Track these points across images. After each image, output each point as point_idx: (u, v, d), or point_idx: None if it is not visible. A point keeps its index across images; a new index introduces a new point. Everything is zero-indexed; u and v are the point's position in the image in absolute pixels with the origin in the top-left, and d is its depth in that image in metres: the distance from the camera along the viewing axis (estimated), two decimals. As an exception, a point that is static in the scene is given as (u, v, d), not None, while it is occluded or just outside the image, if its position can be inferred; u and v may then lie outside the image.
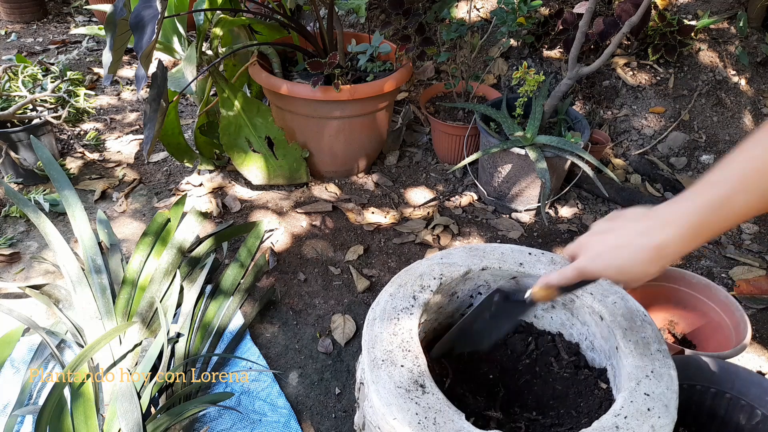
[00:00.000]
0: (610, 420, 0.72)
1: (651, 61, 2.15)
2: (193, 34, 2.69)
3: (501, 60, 2.31)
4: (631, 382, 0.77)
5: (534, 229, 1.81)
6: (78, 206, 1.55)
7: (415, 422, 0.71)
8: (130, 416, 1.09)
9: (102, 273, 1.46)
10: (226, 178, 1.99)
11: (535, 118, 1.73)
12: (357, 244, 1.72)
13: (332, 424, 1.24)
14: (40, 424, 1.01)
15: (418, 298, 0.90)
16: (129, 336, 1.32)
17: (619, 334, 0.84)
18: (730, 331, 1.22)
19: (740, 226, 1.80)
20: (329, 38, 1.87)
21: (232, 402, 1.25)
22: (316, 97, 1.72)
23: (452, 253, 0.99)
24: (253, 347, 1.39)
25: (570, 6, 2.25)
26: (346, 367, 1.36)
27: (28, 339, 1.37)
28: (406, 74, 1.84)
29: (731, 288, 1.59)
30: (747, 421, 1.00)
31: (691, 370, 1.03)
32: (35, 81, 2.00)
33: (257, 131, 1.83)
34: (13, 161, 1.84)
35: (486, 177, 1.86)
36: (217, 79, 1.77)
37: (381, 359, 0.79)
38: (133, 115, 2.40)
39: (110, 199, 1.90)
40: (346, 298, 1.55)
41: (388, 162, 2.09)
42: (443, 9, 2.15)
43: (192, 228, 1.58)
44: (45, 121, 1.87)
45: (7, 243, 1.67)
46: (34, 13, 3.32)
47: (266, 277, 1.60)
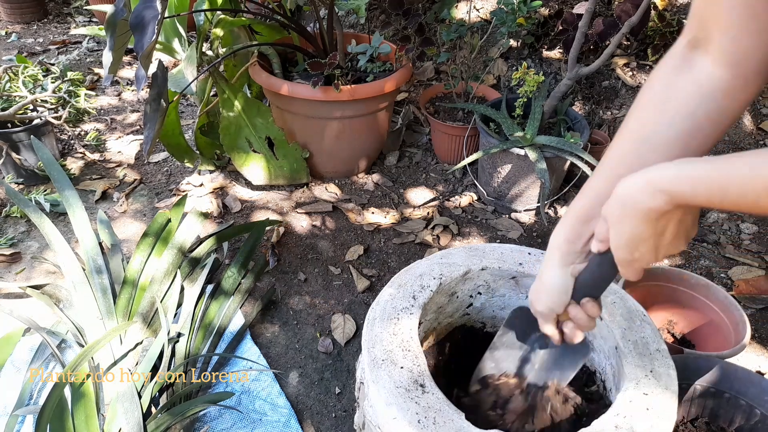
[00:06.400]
0: (610, 420, 0.73)
1: (651, 62, 2.15)
2: (193, 34, 2.69)
3: (501, 60, 2.31)
4: (630, 381, 0.78)
5: (534, 229, 1.81)
6: (79, 206, 1.56)
7: (414, 422, 0.71)
8: (131, 416, 1.09)
9: (103, 273, 1.46)
10: (227, 178, 1.99)
11: (535, 119, 1.73)
12: (357, 244, 1.72)
13: (332, 424, 1.25)
14: (41, 424, 1.01)
15: (418, 298, 0.90)
16: (130, 336, 1.32)
17: (618, 333, 0.85)
18: (729, 331, 1.23)
19: (740, 226, 1.80)
20: (329, 39, 1.88)
21: (232, 402, 1.26)
22: (316, 97, 1.72)
23: (452, 253, 0.99)
24: (253, 347, 1.39)
25: (570, 6, 2.25)
26: (346, 367, 1.37)
27: (29, 339, 1.37)
28: (406, 75, 1.85)
29: (730, 288, 1.59)
30: (746, 420, 1.00)
31: (691, 370, 1.03)
32: (36, 81, 2.00)
33: (257, 132, 1.83)
34: (13, 161, 1.85)
35: (486, 177, 1.86)
36: (217, 80, 1.77)
37: (381, 359, 0.80)
38: (134, 116, 2.40)
39: (111, 199, 1.90)
40: (346, 298, 1.55)
41: (388, 162, 2.10)
42: (443, 9, 2.15)
43: (193, 228, 1.58)
44: (46, 121, 1.87)
45: (8, 243, 1.67)
46: (34, 14, 3.33)
47: (266, 277, 1.60)
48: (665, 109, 0.59)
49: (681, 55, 0.59)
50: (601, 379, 0.91)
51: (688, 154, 0.58)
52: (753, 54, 0.53)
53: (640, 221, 0.53)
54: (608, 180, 0.61)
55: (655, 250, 0.56)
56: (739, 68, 0.54)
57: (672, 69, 0.59)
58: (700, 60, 0.57)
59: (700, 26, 0.57)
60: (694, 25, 0.58)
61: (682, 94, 0.58)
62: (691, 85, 0.57)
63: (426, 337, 0.98)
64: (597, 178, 0.65)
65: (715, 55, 0.56)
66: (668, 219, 0.53)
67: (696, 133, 0.58)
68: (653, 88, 0.61)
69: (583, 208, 0.65)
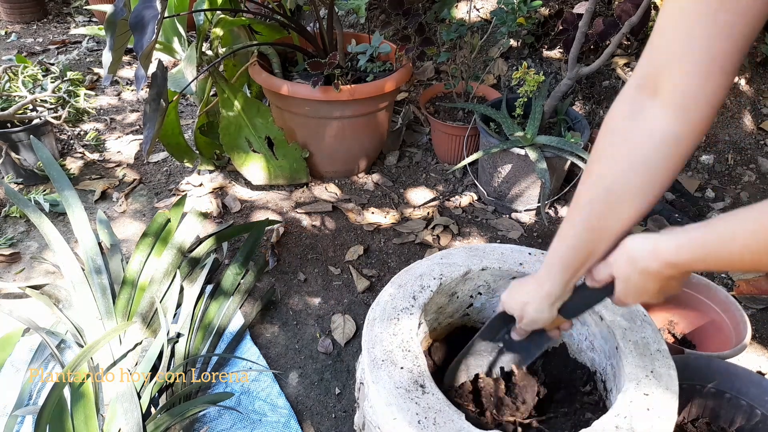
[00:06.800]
0: (611, 420, 0.72)
1: (651, 62, 2.14)
2: (193, 34, 2.69)
3: (501, 60, 2.31)
4: (631, 382, 0.77)
5: (534, 230, 1.81)
6: (78, 206, 1.55)
7: (414, 422, 0.71)
8: (131, 416, 1.09)
9: (102, 273, 1.46)
10: (227, 178, 1.99)
11: (535, 119, 1.73)
12: (357, 244, 1.72)
13: (332, 424, 1.24)
14: (40, 424, 1.01)
15: (418, 298, 0.90)
16: (129, 336, 1.32)
17: (619, 334, 0.85)
18: (729, 331, 1.22)
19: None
20: (329, 38, 1.88)
21: (232, 402, 1.26)
22: (316, 97, 1.72)
23: (452, 254, 0.99)
24: (253, 347, 1.39)
25: (570, 6, 2.25)
26: (346, 367, 1.36)
27: (28, 339, 1.37)
28: (405, 74, 1.84)
29: (731, 288, 1.59)
30: (746, 421, 1.00)
31: (691, 370, 1.03)
32: (35, 81, 2.00)
33: (257, 131, 1.83)
34: (13, 161, 1.85)
35: (486, 177, 1.86)
36: (217, 80, 1.77)
37: (381, 359, 0.79)
38: (134, 116, 2.40)
39: (110, 199, 1.90)
40: (346, 298, 1.55)
41: (388, 162, 2.09)
42: (443, 9, 2.15)
43: (192, 228, 1.58)
44: (45, 121, 1.87)
45: (8, 243, 1.67)
46: (34, 14, 3.32)
47: (266, 278, 1.60)
48: (621, 158, 0.61)
49: (632, 101, 0.60)
50: (601, 380, 0.91)
51: (650, 198, 0.61)
52: (702, 99, 0.54)
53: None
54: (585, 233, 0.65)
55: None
56: (688, 113, 0.56)
57: (625, 116, 0.61)
58: (650, 106, 0.58)
59: (651, 72, 0.57)
60: (644, 69, 0.58)
61: (635, 143, 0.59)
62: (643, 134, 0.59)
63: (426, 337, 0.97)
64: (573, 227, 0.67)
65: (664, 101, 0.57)
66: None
67: (654, 178, 0.60)
68: (608, 137, 0.62)
69: (566, 259, 0.69)
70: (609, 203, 0.62)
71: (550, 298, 0.73)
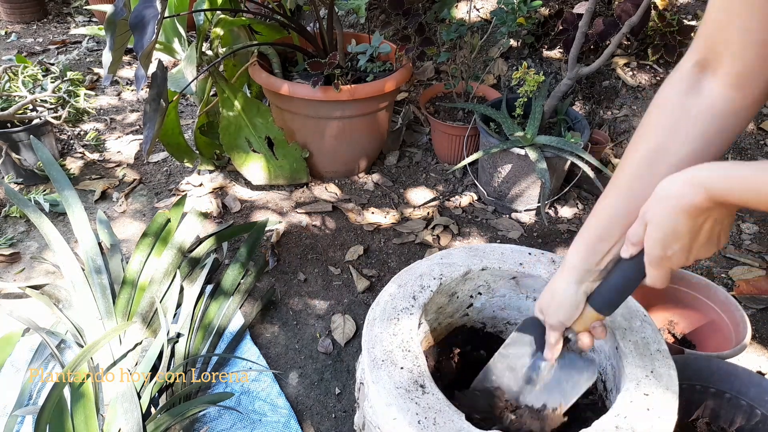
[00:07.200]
0: (611, 420, 0.72)
1: (651, 62, 2.15)
2: (193, 34, 2.69)
3: (501, 60, 2.31)
4: (630, 382, 0.77)
5: (534, 229, 1.81)
6: (78, 206, 1.55)
7: (415, 422, 0.71)
8: (131, 416, 1.09)
9: (102, 273, 1.46)
10: (227, 178, 1.99)
11: (535, 119, 1.73)
12: (357, 244, 1.72)
13: (332, 424, 1.24)
14: (40, 425, 1.01)
15: (418, 298, 0.90)
16: (129, 336, 1.32)
17: (619, 334, 0.85)
18: (729, 331, 1.22)
19: (740, 226, 1.80)
20: (329, 38, 1.88)
21: (232, 402, 1.26)
22: (316, 97, 1.72)
23: (452, 253, 0.99)
24: (253, 347, 1.39)
25: (570, 6, 2.25)
26: (346, 367, 1.36)
27: (28, 339, 1.37)
28: (406, 74, 1.84)
29: (731, 288, 1.59)
30: (746, 421, 1.00)
31: (691, 370, 1.03)
32: (35, 81, 2.00)
33: (257, 131, 1.83)
34: (13, 161, 1.85)
35: (486, 177, 1.86)
36: (217, 80, 1.77)
37: (381, 359, 0.79)
38: (134, 116, 2.40)
39: (110, 199, 1.90)
40: (346, 298, 1.55)
41: (388, 162, 2.09)
42: (443, 9, 2.15)
43: (192, 228, 1.58)
44: (45, 121, 1.87)
45: (8, 243, 1.67)
46: (34, 14, 3.32)
47: (266, 278, 1.60)
48: (678, 130, 0.63)
49: (689, 77, 0.62)
50: (601, 380, 0.91)
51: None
52: (760, 77, 0.58)
53: (679, 215, 0.55)
54: (624, 198, 0.66)
55: (688, 250, 0.58)
56: (747, 90, 0.59)
57: (682, 91, 0.63)
58: (709, 82, 0.61)
59: (709, 49, 0.60)
60: (701, 47, 0.61)
61: (693, 115, 0.62)
62: (703, 107, 0.61)
63: (426, 337, 0.97)
64: (611, 196, 0.68)
65: (724, 78, 0.60)
66: (706, 217, 0.55)
67: (708, 148, 0.62)
68: (665, 111, 0.64)
69: (598, 227, 0.68)
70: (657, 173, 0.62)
71: (575, 272, 0.71)
